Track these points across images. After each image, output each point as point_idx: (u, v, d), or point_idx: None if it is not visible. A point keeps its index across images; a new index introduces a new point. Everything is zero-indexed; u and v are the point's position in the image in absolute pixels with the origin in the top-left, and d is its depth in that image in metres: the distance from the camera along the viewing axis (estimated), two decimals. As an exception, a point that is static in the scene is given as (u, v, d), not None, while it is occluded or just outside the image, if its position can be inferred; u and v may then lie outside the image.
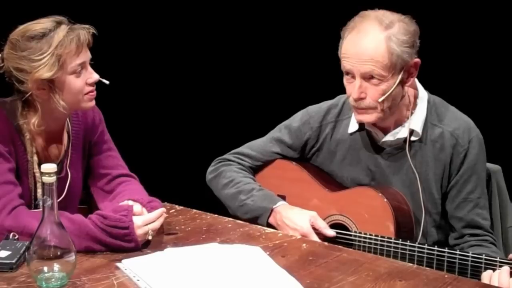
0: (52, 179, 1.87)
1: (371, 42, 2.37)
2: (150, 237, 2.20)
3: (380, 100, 2.39)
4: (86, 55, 2.32)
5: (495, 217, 2.61)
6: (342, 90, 2.54)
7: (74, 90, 2.30)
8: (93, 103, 2.38)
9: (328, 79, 2.71)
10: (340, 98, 2.69)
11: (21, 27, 2.30)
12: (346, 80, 2.47)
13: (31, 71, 2.24)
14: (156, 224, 2.24)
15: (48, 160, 2.38)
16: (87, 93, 2.33)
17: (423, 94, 2.55)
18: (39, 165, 2.28)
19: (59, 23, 2.28)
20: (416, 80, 2.55)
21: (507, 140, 3.67)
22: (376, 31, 2.37)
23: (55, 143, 2.43)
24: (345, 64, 2.42)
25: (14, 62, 2.26)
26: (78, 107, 2.38)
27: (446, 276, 2.09)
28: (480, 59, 3.74)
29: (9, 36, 2.30)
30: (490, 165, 2.64)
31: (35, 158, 2.35)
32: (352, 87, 2.43)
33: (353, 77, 2.42)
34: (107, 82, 2.37)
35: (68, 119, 2.45)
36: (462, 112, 2.57)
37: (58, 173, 2.37)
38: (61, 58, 2.24)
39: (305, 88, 3.87)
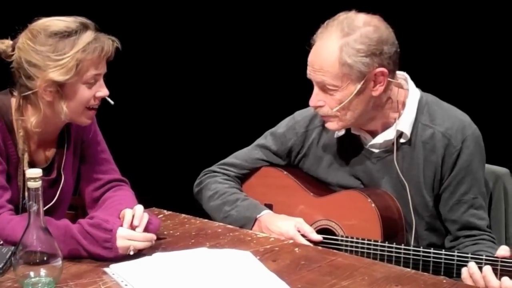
0: (38, 184, 1.83)
1: (324, 52, 2.34)
2: (131, 252, 2.11)
3: (335, 109, 2.37)
4: (104, 68, 2.24)
5: (499, 222, 2.58)
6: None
7: (81, 100, 2.22)
8: (92, 119, 2.32)
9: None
10: None
11: (44, 20, 2.20)
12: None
13: (46, 69, 2.14)
14: (140, 245, 2.14)
15: (39, 159, 2.33)
16: (90, 108, 2.25)
17: (413, 94, 2.50)
18: (30, 163, 2.22)
19: (85, 27, 2.20)
20: (408, 79, 2.51)
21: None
22: (333, 39, 2.34)
23: (48, 143, 2.37)
24: (308, 72, 2.42)
25: (28, 55, 2.16)
26: (76, 119, 2.29)
27: (444, 281, 2.07)
28: (487, 59, 3.73)
29: (29, 26, 2.20)
30: (497, 168, 2.61)
31: (26, 156, 2.28)
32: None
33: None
34: (112, 102, 2.29)
35: None
36: (468, 113, 2.50)
37: (48, 174, 2.35)
38: (80, 64, 2.15)
39: (299, 96, 3.86)
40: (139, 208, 2.21)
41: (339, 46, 2.31)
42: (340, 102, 2.36)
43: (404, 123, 2.47)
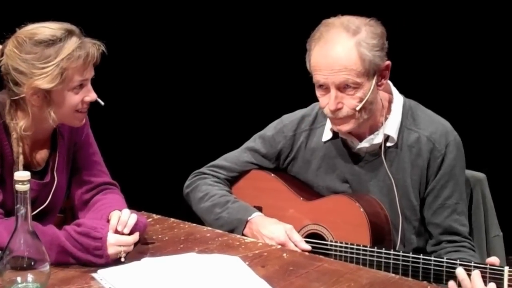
0: (26, 187, 1.82)
1: (342, 51, 2.34)
2: (123, 259, 2.12)
3: (358, 108, 2.37)
4: (90, 73, 2.23)
5: (480, 226, 2.61)
6: (316, 99, 2.51)
7: (69, 105, 2.22)
8: (83, 121, 2.32)
9: (304, 89, 2.69)
10: (314, 106, 2.66)
11: (30, 28, 2.20)
12: (319, 92, 2.43)
13: (32, 77, 2.15)
14: (130, 249, 2.15)
15: (34, 162, 2.33)
16: (80, 111, 2.25)
17: (397, 98, 2.53)
18: (25, 166, 2.22)
19: (70, 33, 2.19)
20: (391, 84, 2.54)
21: (492, 148, 3.68)
22: (344, 38, 2.35)
23: (41, 145, 2.36)
24: (318, 78, 2.38)
25: (15, 62, 2.16)
26: (67, 123, 2.30)
27: (429, 287, 2.08)
28: (461, 66, 3.76)
29: (16, 33, 2.20)
30: (474, 173, 2.64)
31: (21, 158, 2.27)
32: (327, 98, 2.39)
33: (326, 88, 2.39)
34: (102, 103, 2.29)
35: None
36: (446, 119, 2.55)
37: (43, 177, 2.35)
38: (64, 72, 2.15)
39: (287, 98, 3.86)
40: (125, 212, 2.21)
41: (355, 43, 2.33)
42: (361, 100, 2.36)
43: (391, 127, 2.48)
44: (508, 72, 3.86)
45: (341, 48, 2.34)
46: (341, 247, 2.43)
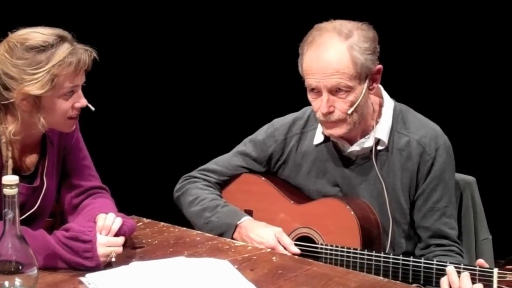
0: (14, 191, 1.81)
1: (334, 55, 2.35)
2: (113, 259, 2.12)
3: (349, 112, 2.38)
4: (81, 79, 2.23)
5: (469, 229, 2.61)
6: (308, 102, 2.51)
7: (59, 111, 2.22)
8: (73, 127, 2.31)
9: (296, 93, 2.69)
10: (306, 110, 2.67)
11: (22, 33, 2.19)
12: (311, 96, 2.43)
13: (22, 82, 2.14)
14: (120, 250, 2.16)
15: (23, 166, 2.32)
16: (70, 118, 2.25)
17: (388, 102, 2.54)
18: (14, 170, 2.21)
19: (62, 40, 2.18)
20: (382, 88, 2.55)
21: (481, 152, 3.69)
22: (337, 42, 2.35)
23: (31, 150, 2.35)
24: (310, 81, 2.39)
25: (5, 67, 2.15)
26: (57, 128, 2.30)
27: (417, 289, 2.08)
28: (450, 70, 3.78)
29: (8, 37, 2.19)
30: (464, 177, 2.64)
31: (10, 162, 2.26)
32: (319, 102, 2.40)
33: (318, 92, 2.39)
34: (93, 108, 2.28)
35: None
36: (437, 123, 2.55)
37: (32, 182, 2.34)
38: (55, 79, 2.15)
39: (278, 102, 3.87)
40: (110, 216, 2.21)
41: (347, 47, 2.34)
42: (352, 103, 2.37)
43: (382, 130, 2.49)
44: (497, 77, 3.88)
45: (334, 52, 2.34)
46: (331, 250, 2.43)
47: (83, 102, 2.25)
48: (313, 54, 2.37)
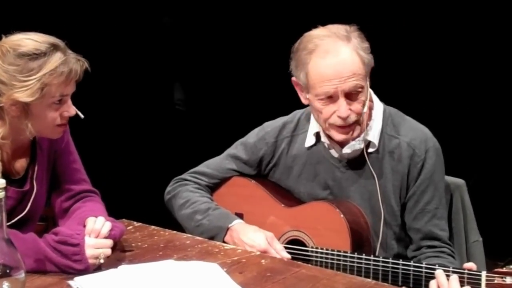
0: (1, 194, 1.81)
1: (347, 57, 2.35)
2: (102, 261, 2.12)
3: (364, 110, 2.40)
4: (71, 89, 2.22)
5: (459, 231, 2.62)
6: (298, 106, 2.54)
7: (47, 119, 2.22)
8: (61, 134, 2.31)
9: (286, 97, 2.70)
10: (295, 114, 2.67)
11: (15, 38, 2.19)
12: (320, 103, 2.40)
13: (12, 88, 2.14)
14: (109, 252, 2.16)
15: (13, 170, 2.32)
16: (59, 125, 2.25)
17: (378, 105, 2.55)
18: (4, 174, 2.21)
19: (55, 48, 2.18)
20: (371, 92, 2.55)
21: (471, 155, 3.70)
22: (342, 45, 2.36)
23: (21, 153, 2.35)
24: (327, 89, 2.36)
25: None
26: (45, 135, 2.30)
27: (405, 291, 2.08)
28: (445, 73, 3.79)
29: (1, 41, 2.19)
30: (453, 179, 2.65)
31: (0, 166, 2.26)
32: (331, 108, 2.38)
33: (330, 98, 2.37)
34: (82, 116, 2.27)
35: None
36: (426, 126, 2.56)
37: (22, 186, 2.35)
38: (45, 87, 2.14)
39: (268, 105, 3.88)
40: (99, 220, 2.21)
41: (353, 48, 2.35)
42: (364, 103, 2.39)
43: (372, 132, 2.49)
44: (488, 81, 3.89)
45: (344, 55, 2.35)
46: (321, 253, 2.44)
47: (71, 111, 2.25)
48: (323, 61, 2.36)
